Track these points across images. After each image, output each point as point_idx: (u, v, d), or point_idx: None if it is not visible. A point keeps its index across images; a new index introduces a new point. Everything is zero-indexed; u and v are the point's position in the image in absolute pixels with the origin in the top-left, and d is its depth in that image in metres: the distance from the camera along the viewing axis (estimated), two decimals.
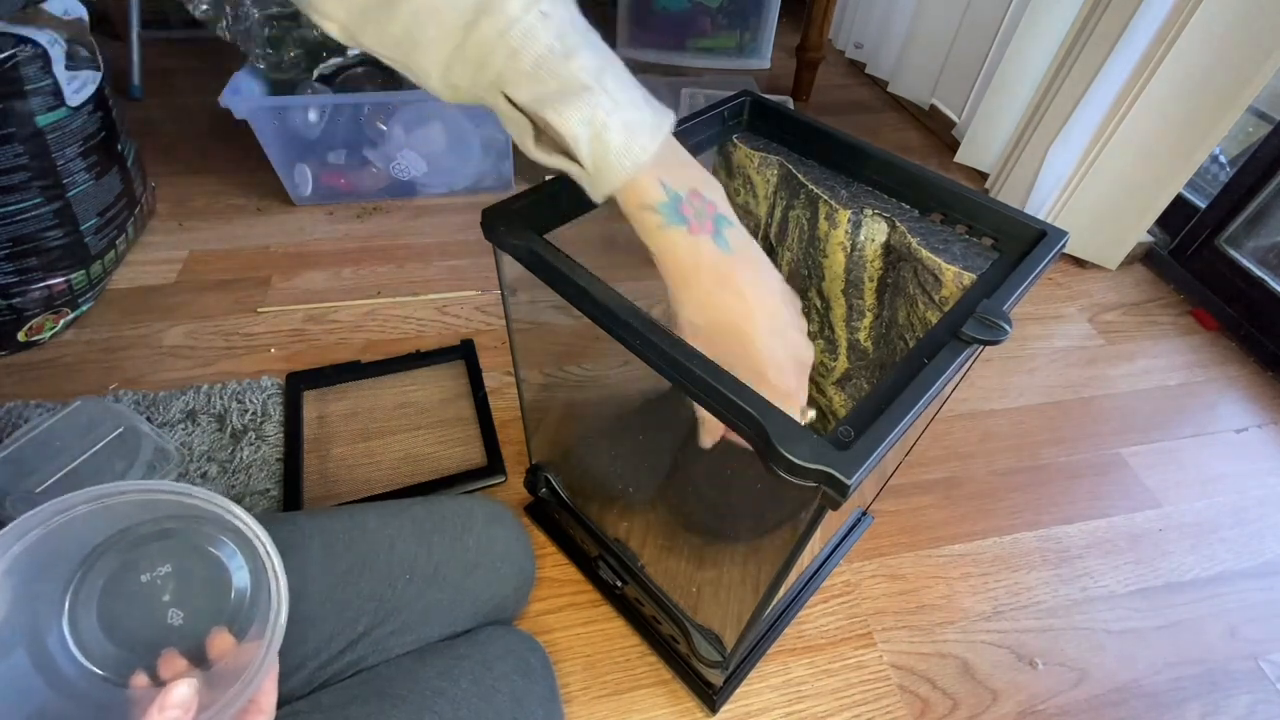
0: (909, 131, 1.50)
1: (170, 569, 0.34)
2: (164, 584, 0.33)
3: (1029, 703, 0.63)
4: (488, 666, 0.44)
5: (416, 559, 0.48)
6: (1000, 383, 0.93)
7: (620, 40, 1.70)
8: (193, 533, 0.34)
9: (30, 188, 0.80)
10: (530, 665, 0.47)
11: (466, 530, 0.51)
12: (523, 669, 0.46)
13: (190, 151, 1.25)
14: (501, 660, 0.46)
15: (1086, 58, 1.03)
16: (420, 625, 0.47)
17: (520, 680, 0.45)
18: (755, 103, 0.55)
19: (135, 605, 0.33)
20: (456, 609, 0.49)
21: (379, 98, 1.03)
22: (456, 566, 0.49)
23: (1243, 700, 0.64)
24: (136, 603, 0.33)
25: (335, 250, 1.06)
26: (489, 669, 0.44)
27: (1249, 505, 0.80)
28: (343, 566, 0.45)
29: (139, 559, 0.33)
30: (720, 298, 0.34)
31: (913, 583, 0.71)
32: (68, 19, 0.84)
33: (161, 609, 0.33)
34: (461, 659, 0.44)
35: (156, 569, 0.33)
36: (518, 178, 1.21)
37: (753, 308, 0.34)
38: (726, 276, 0.33)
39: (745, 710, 0.61)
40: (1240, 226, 1.04)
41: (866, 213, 0.48)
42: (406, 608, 0.46)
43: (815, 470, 0.29)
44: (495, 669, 0.45)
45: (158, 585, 0.33)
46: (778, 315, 0.35)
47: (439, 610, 0.48)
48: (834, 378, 0.60)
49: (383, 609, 0.45)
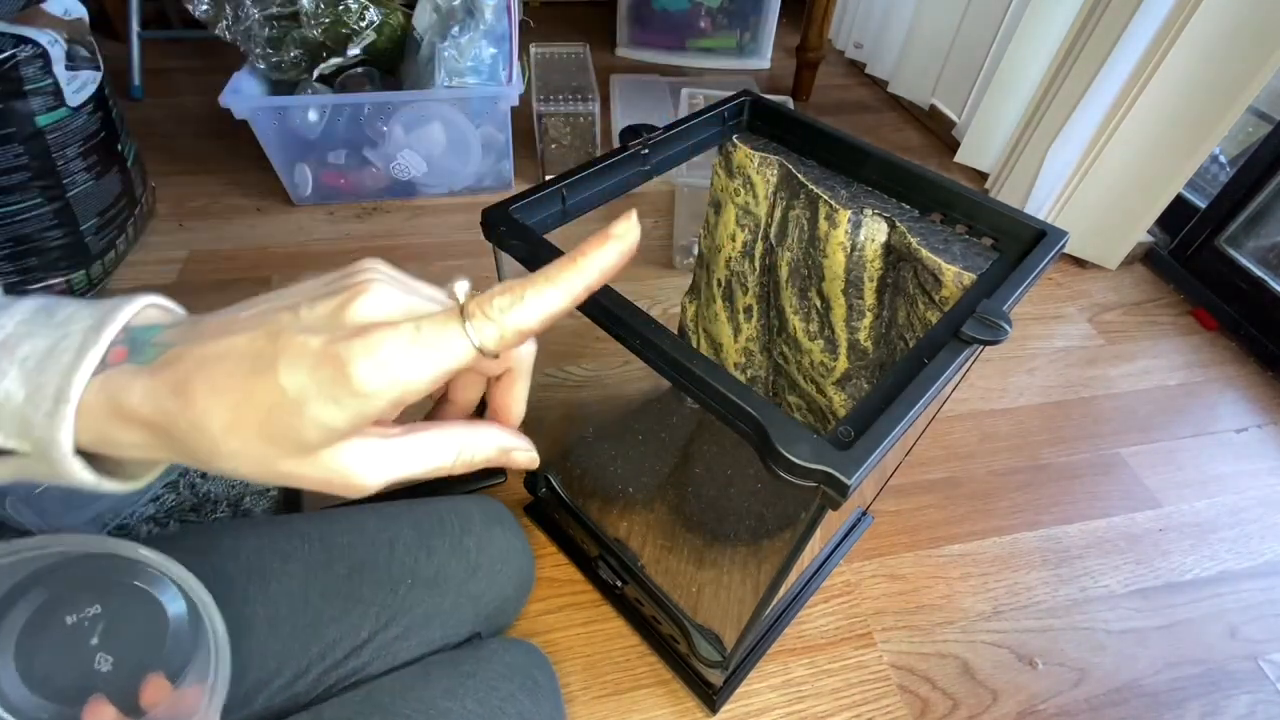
0: (909, 131, 1.50)
1: (99, 609, 0.31)
2: (92, 626, 0.30)
3: (1029, 703, 0.63)
4: (494, 686, 0.44)
5: (418, 562, 0.47)
6: (1000, 383, 0.93)
7: (620, 40, 1.70)
8: (126, 570, 0.31)
9: (30, 188, 0.80)
10: (537, 683, 0.47)
11: (466, 532, 0.51)
12: (530, 688, 0.46)
13: (190, 151, 1.25)
14: (508, 680, 0.45)
15: (1086, 58, 1.03)
16: (423, 629, 0.47)
17: (527, 701, 0.45)
18: (755, 103, 0.55)
19: (59, 650, 0.30)
20: (459, 612, 0.49)
21: (379, 98, 1.03)
22: (458, 570, 0.49)
23: (1243, 700, 0.64)
24: (60, 647, 0.30)
25: (335, 250, 1.06)
26: (495, 689, 0.44)
27: (1249, 505, 0.80)
28: (343, 571, 0.45)
29: (64, 600, 0.30)
30: (186, 408, 0.20)
31: (913, 583, 0.71)
32: (68, 19, 0.84)
33: (89, 653, 0.30)
34: (468, 677, 0.44)
35: (84, 610, 0.30)
36: (518, 178, 1.21)
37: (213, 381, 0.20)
38: (170, 384, 0.21)
39: (745, 710, 0.61)
40: (1240, 226, 1.04)
41: (866, 213, 0.48)
42: (409, 612, 0.46)
43: (815, 470, 0.29)
44: (501, 689, 0.44)
45: (84, 628, 0.30)
46: (248, 355, 0.21)
47: (442, 614, 0.48)
48: (834, 378, 0.60)
49: (385, 614, 0.45)
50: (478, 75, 1.05)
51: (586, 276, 0.21)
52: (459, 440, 0.23)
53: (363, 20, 1.07)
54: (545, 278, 0.21)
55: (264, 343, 0.20)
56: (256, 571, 0.43)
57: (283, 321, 0.20)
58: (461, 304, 0.20)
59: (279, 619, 0.42)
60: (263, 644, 0.41)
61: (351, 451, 0.21)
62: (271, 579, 0.43)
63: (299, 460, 0.20)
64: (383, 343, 0.19)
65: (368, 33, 1.08)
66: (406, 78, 1.12)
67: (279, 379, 0.19)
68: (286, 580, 0.43)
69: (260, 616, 0.41)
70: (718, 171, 0.59)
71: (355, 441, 0.21)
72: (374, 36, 1.08)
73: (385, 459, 0.21)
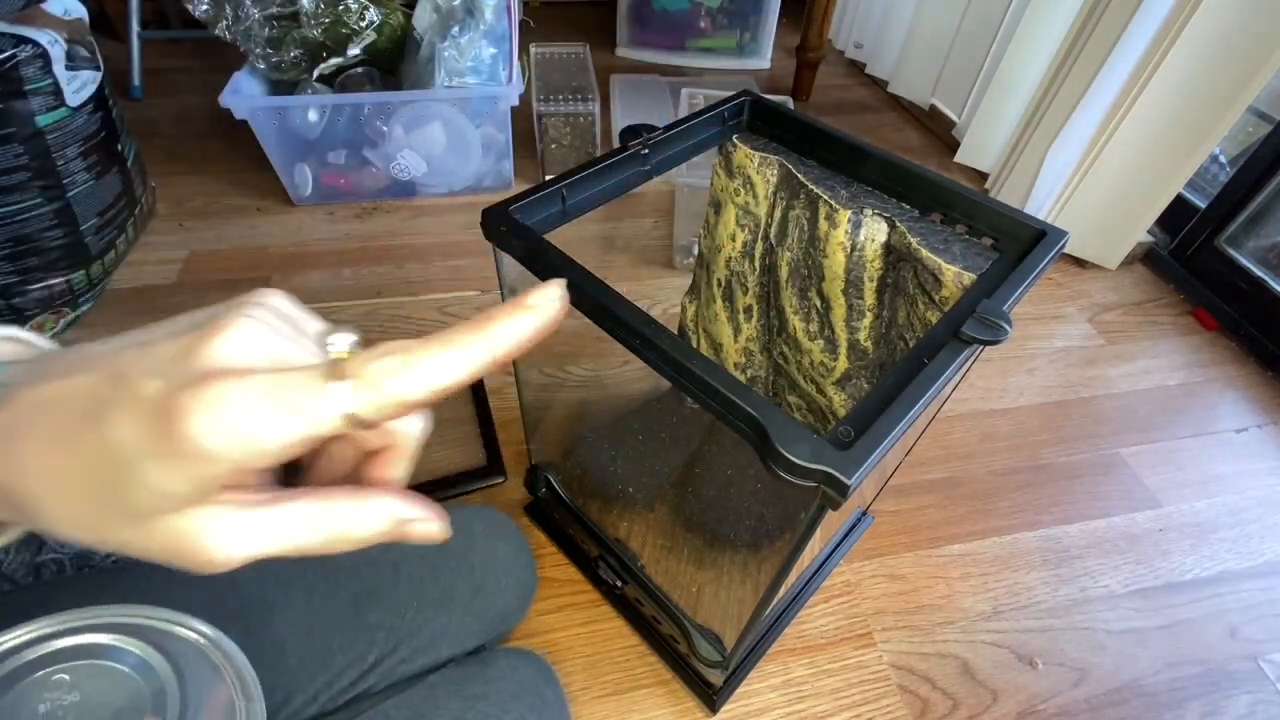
0: (909, 131, 1.50)
1: (78, 698, 0.28)
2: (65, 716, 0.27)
3: (1029, 703, 0.63)
4: (505, 709, 0.44)
5: (424, 584, 0.47)
6: (1000, 383, 0.93)
7: (620, 40, 1.70)
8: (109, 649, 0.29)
9: (30, 188, 0.80)
10: (546, 701, 0.47)
11: (470, 549, 0.50)
12: (539, 708, 0.46)
13: (190, 151, 1.25)
14: (517, 700, 0.45)
15: (1086, 58, 1.03)
16: (430, 650, 0.46)
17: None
18: (755, 103, 0.55)
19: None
20: (465, 629, 0.48)
21: (379, 98, 1.03)
22: (464, 589, 0.48)
23: (1243, 700, 0.64)
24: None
25: (335, 250, 1.06)
26: (506, 711, 0.43)
27: (1249, 505, 0.80)
28: (348, 597, 0.44)
29: (38, 684, 0.27)
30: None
31: (913, 583, 0.71)
32: (68, 19, 0.84)
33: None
34: (477, 700, 0.43)
35: (60, 698, 0.27)
36: (518, 178, 1.21)
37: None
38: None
39: (745, 710, 0.61)
40: (1240, 226, 1.04)
41: (866, 213, 0.48)
42: (416, 635, 0.46)
43: (815, 470, 0.29)
44: (511, 710, 0.44)
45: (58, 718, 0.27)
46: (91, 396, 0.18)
47: (449, 634, 0.47)
48: (834, 378, 0.60)
49: (393, 638, 0.45)
50: (478, 75, 1.05)
51: (493, 347, 0.17)
52: (339, 514, 0.19)
53: (363, 20, 1.07)
54: (443, 343, 0.17)
55: (104, 387, 0.17)
56: (257, 603, 0.42)
57: (126, 362, 0.17)
58: (337, 361, 0.17)
59: (284, 651, 0.41)
60: (268, 677, 0.40)
61: (200, 520, 0.17)
62: (274, 611, 0.42)
63: (136, 528, 0.17)
64: (227, 395, 0.16)
65: (368, 33, 1.08)
66: (406, 78, 1.12)
67: (104, 430, 0.16)
68: (290, 611, 0.42)
69: (265, 650, 0.40)
70: (718, 171, 0.59)
71: (205, 509, 0.17)
72: (374, 36, 1.08)
73: (243, 532, 0.17)
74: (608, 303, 0.36)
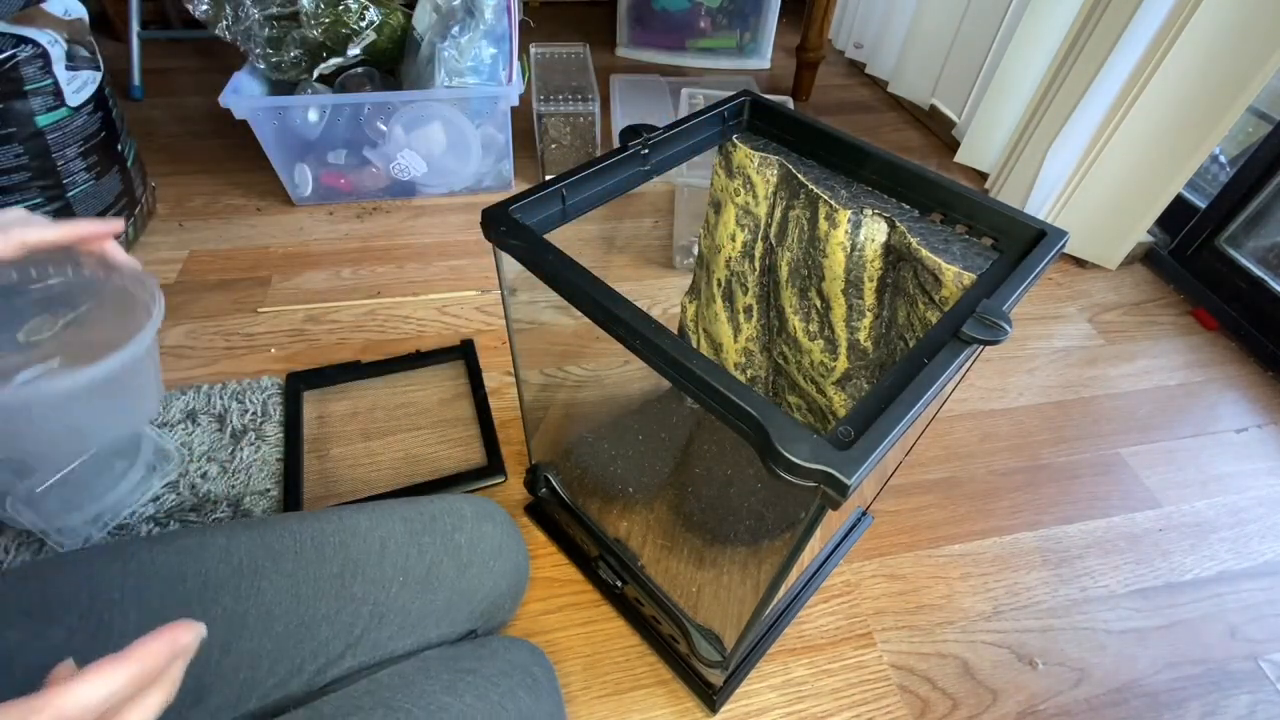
0: (909, 131, 1.50)
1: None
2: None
3: (1029, 703, 0.63)
4: (494, 683, 0.44)
5: (409, 560, 0.48)
6: (1000, 383, 0.93)
7: (620, 40, 1.70)
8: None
9: (30, 188, 0.80)
10: (537, 680, 0.47)
11: (457, 529, 0.51)
12: (529, 685, 0.46)
13: (190, 151, 1.25)
14: (507, 676, 0.46)
15: (1086, 58, 1.03)
16: (418, 627, 0.47)
17: (527, 697, 0.45)
18: (755, 103, 0.55)
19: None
20: (453, 609, 0.49)
21: (379, 98, 1.03)
22: (449, 566, 0.49)
23: (1243, 700, 0.64)
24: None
25: (335, 250, 1.06)
26: (495, 685, 0.44)
27: (1249, 505, 0.80)
28: (335, 569, 0.45)
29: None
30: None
31: (913, 583, 0.71)
32: (68, 19, 0.84)
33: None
34: (468, 673, 0.44)
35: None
36: (518, 178, 1.21)
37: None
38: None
39: (745, 710, 0.61)
40: (1240, 226, 1.04)
41: (866, 213, 0.48)
42: (402, 610, 0.46)
43: (815, 470, 0.29)
44: (501, 685, 0.45)
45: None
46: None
47: (435, 612, 0.48)
48: (834, 378, 0.60)
49: (378, 611, 0.45)
50: (478, 75, 1.05)
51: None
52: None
53: (363, 20, 1.07)
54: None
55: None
56: (249, 571, 0.43)
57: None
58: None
59: (271, 618, 0.42)
60: (255, 643, 0.41)
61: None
62: (263, 578, 0.43)
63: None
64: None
65: (368, 33, 1.08)
66: (406, 78, 1.12)
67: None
68: (278, 579, 0.43)
69: (252, 615, 0.42)
70: (718, 171, 0.59)
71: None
72: (374, 36, 1.08)
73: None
74: (608, 303, 0.36)
